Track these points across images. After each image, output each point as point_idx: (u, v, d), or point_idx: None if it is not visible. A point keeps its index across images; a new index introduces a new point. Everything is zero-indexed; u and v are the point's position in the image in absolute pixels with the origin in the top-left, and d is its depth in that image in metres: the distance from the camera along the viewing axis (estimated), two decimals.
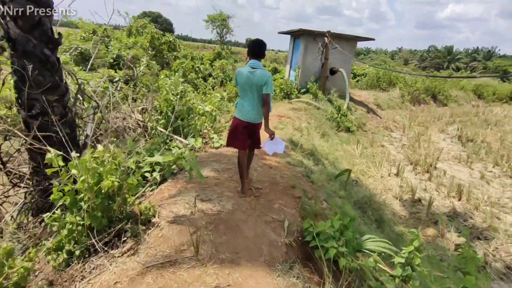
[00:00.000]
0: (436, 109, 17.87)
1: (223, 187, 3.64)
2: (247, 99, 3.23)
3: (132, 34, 12.59)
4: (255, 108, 3.24)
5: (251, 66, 3.15)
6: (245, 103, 3.26)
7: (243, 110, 3.27)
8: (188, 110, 5.64)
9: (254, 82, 3.11)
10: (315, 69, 12.65)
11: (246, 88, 3.19)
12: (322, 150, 7.09)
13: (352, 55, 12.85)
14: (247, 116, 3.25)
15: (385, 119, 13.44)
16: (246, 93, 3.22)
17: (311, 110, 10.65)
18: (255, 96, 3.20)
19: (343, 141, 9.65)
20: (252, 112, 3.24)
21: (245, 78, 3.14)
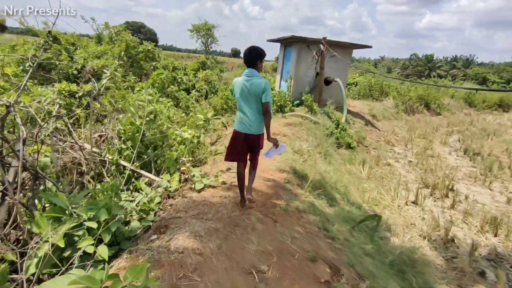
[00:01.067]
0: (431, 118, 17.03)
1: (208, 271, 2.26)
2: (246, 110, 3.06)
3: (102, 42, 11.13)
4: (256, 118, 3.08)
5: (247, 75, 3.03)
6: (244, 115, 3.09)
7: (243, 121, 3.11)
8: (162, 136, 4.25)
9: (252, 92, 2.98)
10: (308, 79, 11.49)
11: (244, 99, 3.06)
12: (329, 178, 5.80)
13: (348, 64, 11.77)
14: (247, 128, 3.10)
15: (384, 132, 12.37)
16: (244, 104, 3.07)
17: (308, 125, 9.42)
18: (254, 106, 3.04)
19: (345, 160, 8.43)
20: (253, 123, 3.07)
21: (242, 88, 3.02)
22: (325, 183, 5.24)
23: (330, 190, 5.13)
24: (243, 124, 3.10)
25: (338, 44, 10.96)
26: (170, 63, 11.61)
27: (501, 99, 23.58)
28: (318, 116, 10.34)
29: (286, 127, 8.77)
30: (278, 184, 4.20)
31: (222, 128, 8.65)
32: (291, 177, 4.56)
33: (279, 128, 8.44)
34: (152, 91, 9.26)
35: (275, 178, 4.42)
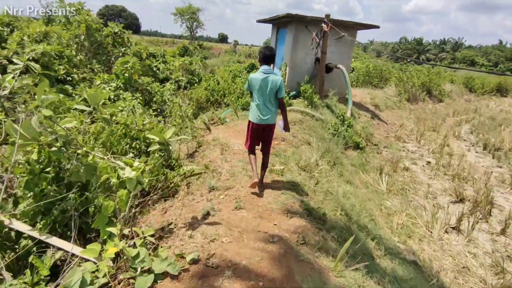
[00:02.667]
0: (434, 106, 15.52)
1: None
2: (262, 101, 3.38)
3: (54, 23, 8.95)
4: (270, 110, 3.42)
5: (263, 72, 3.34)
6: (260, 106, 3.40)
7: (259, 113, 3.43)
8: (88, 172, 2.44)
9: (269, 87, 3.32)
10: (307, 66, 9.66)
11: (261, 93, 3.36)
12: (351, 207, 4.14)
13: (351, 48, 9.98)
14: (263, 119, 3.44)
15: (391, 125, 10.76)
16: (260, 97, 3.37)
17: (309, 122, 7.69)
18: (269, 99, 3.37)
19: (357, 166, 6.79)
20: (268, 114, 3.42)
21: (260, 82, 3.32)
22: (351, 222, 3.57)
23: (359, 231, 3.47)
24: (260, 116, 3.42)
25: (342, 23, 9.10)
26: (144, 48, 9.55)
27: (499, 84, 22.32)
28: (319, 110, 8.61)
29: None
30: (288, 248, 2.49)
31: (205, 131, 6.85)
32: (307, 228, 2.85)
33: (276, 128, 6.69)
34: (115, 83, 7.36)
35: (282, 233, 2.70)
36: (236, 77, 14.06)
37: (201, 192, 3.65)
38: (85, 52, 9.34)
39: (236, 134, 6.26)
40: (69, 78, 7.52)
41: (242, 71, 17.86)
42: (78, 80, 7.40)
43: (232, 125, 7.24)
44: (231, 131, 6.61)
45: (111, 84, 7.05)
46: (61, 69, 7.26)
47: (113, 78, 7.29)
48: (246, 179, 3.91)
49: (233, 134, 6.32)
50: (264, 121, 3.43)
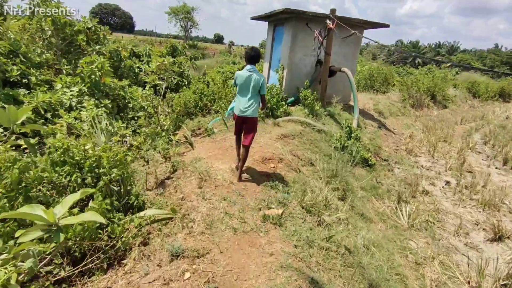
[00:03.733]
0: (440, 113, 14.46)
1: None
2: (244, 96, 3.78)
3: (6, 17, 7.59)
4: (250, 105, 3.78)
5: (248, 70, 3.72)
6: (242, 100, 3.79)
7: (240, 106, 3.79)
8: None
9: (252, 84, 3.69)
10: (307, 69, 8.46)
11: (244, 88, 3.76)
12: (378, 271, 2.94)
13: (357, 49, 8.80)
14: (243, 112, 3.78)
15: (399, 134, 9.61)
16: (243, 92, 3.78)
17: (310, 135, 6.49)
18: (251, 95, 3.76)
19: (368, 191, 5.61)
20: (247, 108, 3.77)
21: (244, 80, 3.70)
22: None
23: None
24: (241, 109, 3.79)
25: (347, 21, 7.91)
26: (123, 46, 8.25)
27: (502, 89, 21.38)
28: (322, 120, 7.41)
29: (281, 142, 5.81)
30: None
31: (186, 146, 5.60)
32: None
33: (272, 144, 5.48)
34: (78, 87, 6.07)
35: None
36: (228, 79, 12.85)
37: (160, 258, 2.42)
38: (53, 50, 8.04)
39: (223, 153, 5.03)
40: (25, 80, 6.25)
41: None
42: (35, 83, 6.12)
43: (220, 139, 6.02)
44: (217, 148, 5.38)
45: (73, 88, 5.77)
46: (14, 70, 5.99)
47: (77, 81, 6.01)
48: (227, 235, 2.69)
49: (219, 152, 5.09)
50: (244, 113, 3.76)
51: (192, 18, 40.62)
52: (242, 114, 3.76)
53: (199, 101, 9.40)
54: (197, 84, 10.04)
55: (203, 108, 9.39)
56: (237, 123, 3.95)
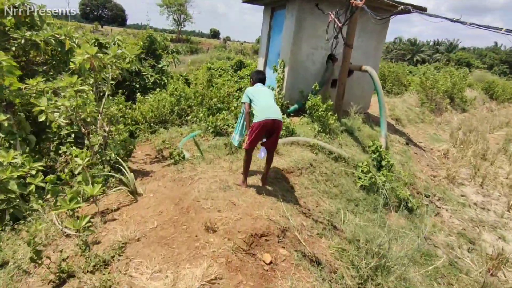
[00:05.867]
0: (461, 118, 12.31)
1: None
2: (268, 101, 3.34)
3: None
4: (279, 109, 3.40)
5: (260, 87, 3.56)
6: (267, 103, 3.30)
7: (272, 110, 3.26)
8: None
9: (270, 93, 3.51)
10: (315, 66, 6.21)
11: (268, 97, 3.40)
12: None
13: (381, 41, 6.55)
14: (277, 114, 3.26)
15: (428, 151, 7.43)
16: (268, 100, 3.36)
17: (324, 166, 4.28)
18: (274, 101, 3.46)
19: (420, 263, 3.43)
20: (279, 112, 3.33)
21: (263, 91, 3.46)
22: None
23: None
24: (274, 112, 3.25)
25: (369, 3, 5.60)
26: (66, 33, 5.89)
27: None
28: (338, 139, 5.19)
29: (282, 185, 3.60)
30: None
31: (126, 195, 3.35)
32: None
33: (267, 197, 3.27)
34: None
35: None
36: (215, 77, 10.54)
37: None
38: None
39: (182, 221, 2.78)
40: None
41: (227, 70, 14.35)
42: None
43: (187, 176, 3.78)
44: (177, 200, 3.13)
45: None
46: None
47: None
48: None
49: (174, 215, 2.84)
50: (277, 116, 3.25)
51: (186, 11, 37.94)
52: (276, 116, 3.22)
53: (176, 106, 7.18)
54: (176, 84, 7.78)
55: (182, 115, 7.17)
56: (262, 130, 3.23)
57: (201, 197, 3.03)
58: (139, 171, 4.46)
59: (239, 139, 3.65)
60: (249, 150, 3.30)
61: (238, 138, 3.64)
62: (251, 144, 3.24)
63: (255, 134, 3.18)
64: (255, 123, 3.17)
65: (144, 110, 7.00)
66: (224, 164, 4.05)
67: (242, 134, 3.59)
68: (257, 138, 3.22)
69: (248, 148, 3.28)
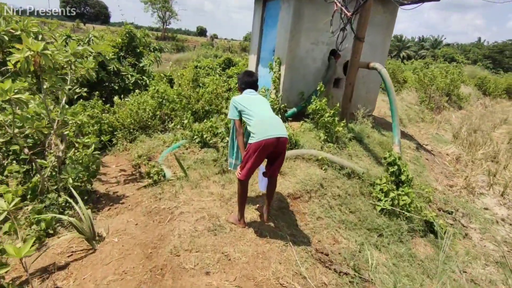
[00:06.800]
0: (459, 116, 11.79)
1: None
2: (266, 113, 2.50)
3: None
4: (280, 120, 2.56)
5: (250, 93, 2.69)
6: (267, 117, 2.46)
7: (272, 125, 2.41)
8: None
9: (265, 101, 2.67)
10: (316, 64, 5.40)
11: (263, 106, 2.56)
12: None
13: (389, 35, 5.78)
14: (280, 130, 2.41)
15: (437, 154, 6.76)
16: (264, 111, 2.51)
17: (335, 184, 3.48)
18: (271, 111, 2.61)
19: None
20: (282, 125, 2.48)
21: (253, 100, 2.58)
22: None
23: None
24: (276, 128, 2.39)
25: None
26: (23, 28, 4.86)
27: (509, 85, 19.12)
28: (347, 148, 4.39)
29: (288, 218, 2.77)
30: None
31: (80, 241, 2.46)
32: None
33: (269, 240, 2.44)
34: None
35: None
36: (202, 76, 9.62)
37: None
38: None
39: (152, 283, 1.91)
40: None
41: (215, 68, 13.41)
42: None
43: (165, 207, 2.90)
44: (148, 248, 2.26)
45: None
46: None
47: None
48: None
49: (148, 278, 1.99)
50: (281, 132, 2.38)
51: (171, 8, 36.55)
52: (279, 133, 2.33)
53: (158, 110, 6.29)
54: (157, 85, 6.86)
55: (165, 119, 6.29)
56: (263, 153, 2.34)
57: (183, 247, 2.18)
58: (108, 196, 3.57)
59: (236, 163, 2.78)
60: (245, 181, 2.45)
61: (236, 162, 2.77)
62: (248, 173, 2.41)
63: (253, 160, 2.34)
64: (252, 144, 2.32)
65: (122, 116, 6.06)
66: (213, 188, 3.20)
67: (240, 157, 2.72)
68: (255, 164, 2.39)
69: (244, 179, 2.42)
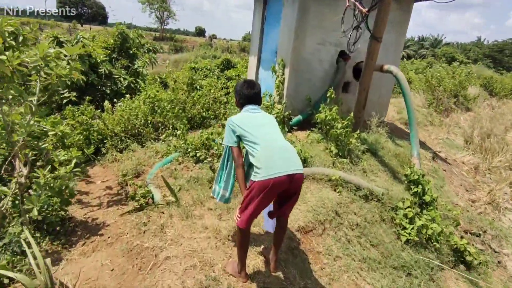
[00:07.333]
0: (469, 118, 11.27)
1: None
2: (275, 140, 1.90)
3: None
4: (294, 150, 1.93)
5: (252, 110, 2.06)
6: (276, 147, 1.85)
7: (280, 157, 1.79)
8: None
9: (273, 122, 2.07)
10: (323, 66, 4.86)
11: (269, 129, 1.97)
12: None
13: (402, 35, 5.24)
14: (293, 167, 1.78)
15: (452, 163, 6.23)
16: (271, 134, 1.93)
17: (353, 211, 2.96)
18: (282, 135, 1.99)
19: None
20: (296, 155, 1.87)
21: (258, 118, 2.00)
22: None
23: None
24: (288, 161, 1.78)
25: None
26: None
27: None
28: (361, 162, 3.86)
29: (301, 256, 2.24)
30: None
31: None
32: None
33: None
34: None
35: None
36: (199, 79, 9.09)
37: None
38: None
39: None
40: None
41: (213, 69, 12.88)
42: None
43: (157, 241, 2.35)
44: None
45: None
46: None
47: None
48: None
49: None
50: (296, 166, 1.77)
51: (169, 8, 35.97)
52: (294, 168, 1.74)
53: (151, 116, 5.77)
54: (150, 90, 6.35)
55: (158, 127, 5.78)
56: (271, 194, 1.74)
57: None
58: (86, 225, 3.03)
59: (224, 194, 2.16)
60: (246, 229, 1.86)
61: (222, 192, 2.16)
62: (250, 219, 1.83)
63: (256, 203, 1.75)
64: (256, 183, 1.73)
65: (112, 123, 5.54)
66: (208, 218, 2.66)
67: (230, 188, 2.12)
68: (259, 208, 1.81)
69: (245, 227, 1.83)
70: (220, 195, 2.16)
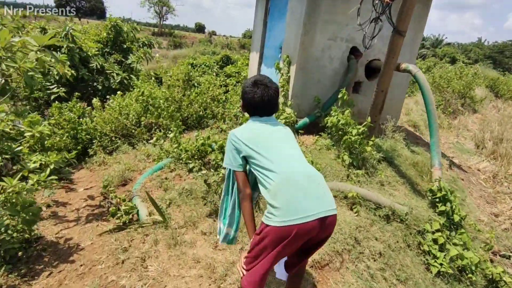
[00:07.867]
0: (477, 120, 10.84)
1: None
2: (299, 164, 1.36)
3: None
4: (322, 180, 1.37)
5: (261, 121, 1.53)
6: (300, 175, 1.30)
7: (306, 193, 1.26)
8: None
9: (290, 135, 1.56)
10: (333, 64, 4.36)
11: (286, 145, 1.45)
12: None
13: (420, 32, 4.74)
14: (327, 206, 1.27)
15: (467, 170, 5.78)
16: (288, 154, 1.39)
17: (375, 235, 2.49)
18: (301, 153, 1.46)
19: None
20: (325, 187, 1.33)
21: (270, 131, 1.47)
22: None
23: None
24: (317, 199, 1.26)
25: None
26: None
27: None
28: (377, 174, 3.38)
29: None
30: None
31: None
32: None
33: None
34: None
35: None
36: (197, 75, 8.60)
37: None
38: None
39: None
40: None
41: (212, 66, 12.36)
42: None
43: (137, 280, 1.88)
44: None
45: None
46: None
47: None
48: None
49: None
50: (328, 205, 1.26)
51: (168, 3, 35.26)
52: (327, 211, 1.23)
53: (143, 116, 5.28)
54: (143, 87, 5.85)
55: (151, 128, 5.29)
56: (294, 242, 1.18)
57: None
58: (56, 247, 2.55)
59: (229, 233, 1.61)
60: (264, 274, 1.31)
61: (226, 231, 1.61)
62: (263, 279, 1.29)
63: (272, 255, 1.25)
64: (273, 229, 1.22)
65: (100, 122, 5.05)
66: (201, 248, 2.18)
67: (234, 224, 1.58)
68: (274, 262, 1.28)
69: (256, 285, 1.29)
70: (224, 233, 1.62)
